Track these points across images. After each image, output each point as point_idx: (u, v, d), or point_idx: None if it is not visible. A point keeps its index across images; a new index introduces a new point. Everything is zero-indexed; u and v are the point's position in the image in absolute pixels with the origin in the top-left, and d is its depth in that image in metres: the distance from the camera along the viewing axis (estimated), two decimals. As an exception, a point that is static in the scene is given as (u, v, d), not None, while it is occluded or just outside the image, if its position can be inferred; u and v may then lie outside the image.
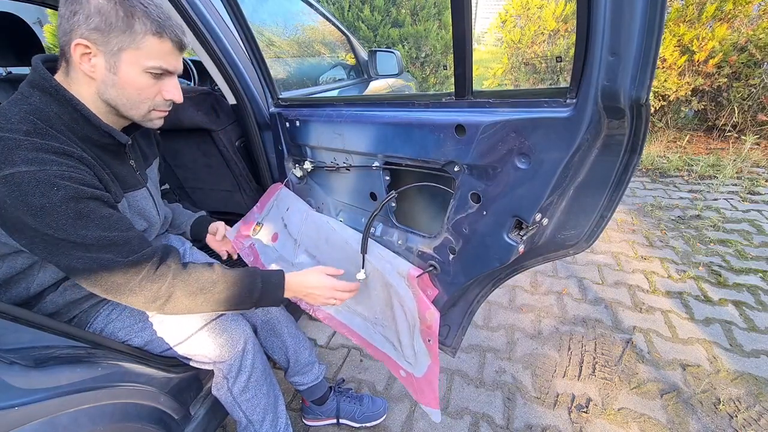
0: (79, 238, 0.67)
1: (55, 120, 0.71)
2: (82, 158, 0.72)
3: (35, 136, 0.67)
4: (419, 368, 1.01)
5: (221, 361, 0.92)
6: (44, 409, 0.67)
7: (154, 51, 0.72)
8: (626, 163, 0.63)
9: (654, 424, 1.30)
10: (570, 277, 2.10)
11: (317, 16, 2.19)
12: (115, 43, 0.69)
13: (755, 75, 3.50)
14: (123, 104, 0.76)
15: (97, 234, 0.68)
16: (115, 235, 0.71)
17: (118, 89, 0.73)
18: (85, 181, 0.69)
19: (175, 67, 0.77)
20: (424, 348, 0.98)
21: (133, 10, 0.68)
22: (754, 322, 1.70)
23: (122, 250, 0.71)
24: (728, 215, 2.63)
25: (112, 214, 0.72)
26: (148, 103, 0.78)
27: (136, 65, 0.72)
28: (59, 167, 0.66)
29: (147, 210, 0.93)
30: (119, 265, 0.70)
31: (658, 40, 0.47)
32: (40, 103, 0.71)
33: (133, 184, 0.89)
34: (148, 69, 0.73)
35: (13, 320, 0.68)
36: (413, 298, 0.97)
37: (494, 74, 5.01)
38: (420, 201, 1.14)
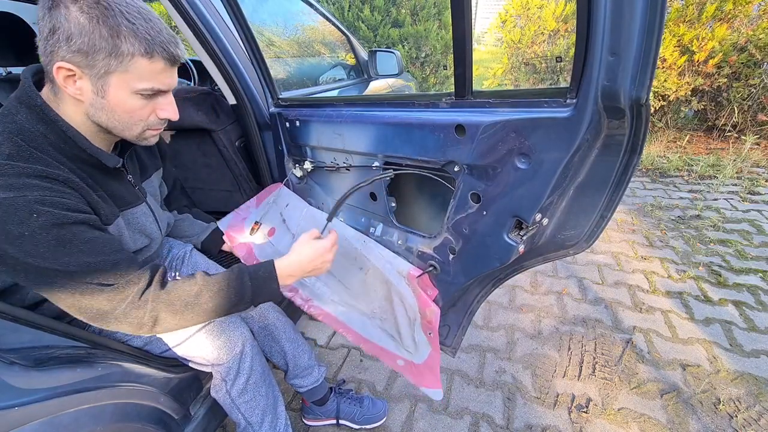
0: (62, 265, 0.63)
1: (41, 140, 0.67)
2: (68, 180, 0.67)
3: (18, 159, 0.63)
4: (420, 356, 1.02)
5: (219, 364, 0.92)
6: (44, 409, 0.67)
7: (145, 72, 0.66)
8: (626, 163, 0.63)
9: (654, 424, 1.30)
10: (570, 277, 2.10)
11: (317, 16, 2.19)
12: (101, 66, 0.63)
13: (755, 75, 3.50)
14: (114, 127, 0.72)
15: (81, 260, 0.64)
16: (101, 260, 0.67)
17: (107, 112, 0.69)
18: (68, 206, 0.65)
19: (168, 85, 0.72)
20: (425, 339, 1.00)
21: (119, 29, 0.61)
22: (754, 322, 1.70)
23: (107, 277, 0.67)
24: (728, 215, 2.63)
25: (97, 238, 0.68)
26: (141, 124, 0.73)
27: (126, 88, 0.67)
28: (40, 192, 0.62)
29: (147, 226, 0.90)
30: (104, 292, 0.66)
31: (658, 40, 0.47)
32: (26, 122, 0.67)
33: (130, 201, 0.86)
34: (139, 91, 0.68)
35: (13, 320, 0.69)
36: (413, 296, 0.97)
37: (494, 74, 5.01)
38: (420, 201, 1.14)
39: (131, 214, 0.86)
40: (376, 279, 1.06)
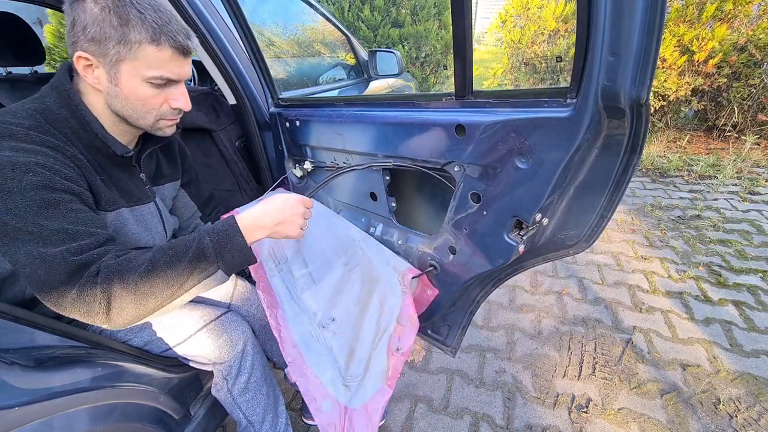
0: (37, 227, 0.61)
1: (62, 123, 0.71)
2: (74, 157, 0.70)
3: (35, 131, 0.67)
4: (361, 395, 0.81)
5: (221, 363, 0.92)
6: (44, 409, 0.67)
7: (153, 60, 0.68)
8: (626, 163, 0.63)
9: (654, 424, 1.30)
10: (570, 277, 2.10)
11: (317, 16, 2.19)
12: (112, 54, 0.66)
13: (755, 75, 3.50)
14: (129, 115, 0.74)
15: (59, 226, 0.62)
16: (78, 230, 0.64)
17: (122, 100, 0.72)
18: (66, 174, 0.66)
19: (178, 75, 0.73)
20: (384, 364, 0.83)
21: (128, 18, 0.65)
22: (754, 322, 1.70)
23: (78, 247, 0.63)
24: (728, 215, 2.63)
25: (83, 210, 0.67)
26: (153, 113, 0.75)
27: (136, 76, 0.69)
28: (44, 158, 0.65)
29: (152, 225, 0.91)
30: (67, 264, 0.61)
31: (658, 40, 0.47)
32: (53, 105, 0.72)
33: (139, 198, 0.87)
34: (149, 79, 0.70)
35: (13, 320, 0.68)
36: (401, 296, 0.93)
37: (494, 74, 5.01)
38: (420, 201, 1.14)
39: (140, 211, 0.87)
40: (358, 278, 0.99)
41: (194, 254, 0.68)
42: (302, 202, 0.81)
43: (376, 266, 1.00)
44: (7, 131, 0.64)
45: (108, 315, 0.64)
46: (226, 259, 0.71)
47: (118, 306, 0.64)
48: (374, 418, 0.78)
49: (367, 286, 0.97)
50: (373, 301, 0.93)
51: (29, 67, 1.42)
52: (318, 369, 0.86)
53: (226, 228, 0.72)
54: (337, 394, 0.82)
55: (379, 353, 0.85)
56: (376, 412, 0.79)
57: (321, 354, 0.89)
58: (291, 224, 0.79)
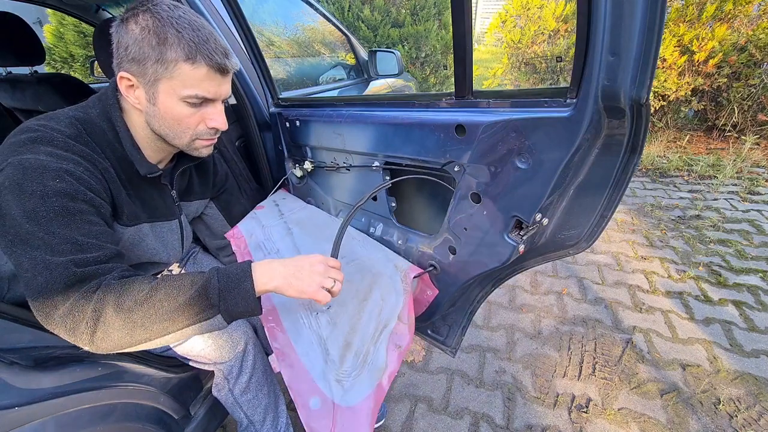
0: (48, 234, 0.60)
1: (100, 135, 0.73)
2: (105, 170, 0.72)
3: (75, 140, 0.68)
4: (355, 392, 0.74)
5: (222, 362, 0.92)
6: (44, 409, 0.67)
7: (189, 79, 0.68)
8: (626, 163, 0.63)
9: (654, 424, 1.30)
10: (570, 277, 2.10)
11: (317, 16, 2.19)
12: (150, 73, 0.67)
13: (755, 75, 3.50)
14: (167, 134, 0.75)
15: (70, 235, 0.62)
16: (90, 242, 0.64)
17: (159, 120, 0.73)
18: (91, 186, 0.68)
19: (215, 94, 0.73)
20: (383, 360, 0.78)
21: (166, 38, 0.65)
22: (754, 322, 1.70)
23: (83, 260, 0.62)
24: (728, 215, 2.63)
25: (98, 224, 0.67)
26: (189, 132, 0.75)
27: (173, 95, 0.70)
28: (75, 166, 0.66)
29: (171, 242, 0.92)
30: (68, 275, 0.60)
31: (658, 40, 0.47)
32: (96, 116, 0.74)
33: (164, 215, 0.87)
34: (185, 98, 0.70)
35: (13, 320, 0.69)
36: (403, 294, 0.90)
37: (494, 74, 5.01)
38: (420, 201, 1.14)
39: (160, 226, 0.87)
40: (358, 271, 0.94)
41: (197, 291, 0.64)
42: (325, 260, 0.74)
43: (377, 262, 0.99)
44: (48, 137, 0.66)
45: (92, 337, 0.60)
46: (228, 303, 0.66)
47: (104, 329, 0.60)
48: (369, 419, 0.71)
49: (367, 279, 0.93)
50: (374, 296, 0.89)
51: (29, 67, 1.42)
52: (308, 360, 0.78)
53: (237, 271, 0.69)
54: (328, 390, 0.74)
55: (379, 348, 0.79)
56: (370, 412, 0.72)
57: (312, 343, 0.81)
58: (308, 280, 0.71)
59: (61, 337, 0.61)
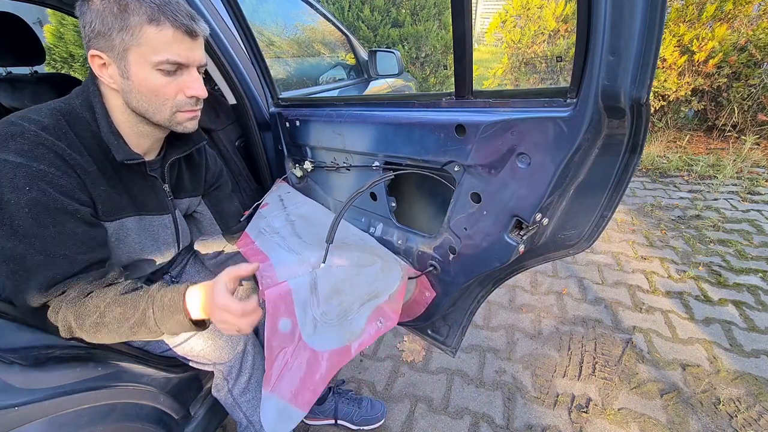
0: (22, 243, 0.63)
1: (83, 126, 0.71)
2: (79, 166, 0.69)
3: (49, 132, 0.67)
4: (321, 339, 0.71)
5: (221, 363, 0.92)
6: (44, 409, 0.67)
7: (156, 42, 0.66)
8: (626, 162, 0.63)
9: (654, 424, 1.30)
10: (570, 277, 2.10)
11: (317, 16, 2.19)
12: (118, 44, 0.66)
13: (755, 75, 3.49)
14: (146, 110, 0.72)
15: (44, 247, 0.65)
16: (63, 254, 0.66)
17: (136, 95, 0.70)
18: (65, 190, 0.67)
19: (187, 59, 0.70)
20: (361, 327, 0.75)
21: (127, 3, 0.64)
22: (754, 322, 1.70)
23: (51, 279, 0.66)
24: (728, 215, 2.63)
25: (75, 233, 0.68)
26: (168, 104, 0.73)
27: (145, 63, 0.67)
28: (46, 166, 0.65)
29: (162, 236, 0.89)
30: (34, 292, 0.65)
31: (659, 40, 0.47)
32: (78, 107, 0.72)
33: (155, 209, 0.85)
34: (157, 65, 0.68)
35: (13, 320, 0.69)
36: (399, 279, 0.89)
37: (494, 74, 5.01)
38: (420, 201, 1.14)
39: (149, 220, 0.85)
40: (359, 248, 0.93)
41: (137, 321, 0.69)
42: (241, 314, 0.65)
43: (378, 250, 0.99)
44: (18, 130, 0.64)
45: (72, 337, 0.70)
46: (168, 329, 0.70)
47: (80, 335, 0.70)
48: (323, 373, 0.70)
49: (369, 253, 0.92)
50: (375, 267, 0.86)
51: (29, 67, 1.42)
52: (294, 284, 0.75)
53: (170, 305, 0.69)
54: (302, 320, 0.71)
55: (362, 313, 0.77)
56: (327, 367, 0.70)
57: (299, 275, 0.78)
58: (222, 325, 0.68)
59: None
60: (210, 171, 1.04)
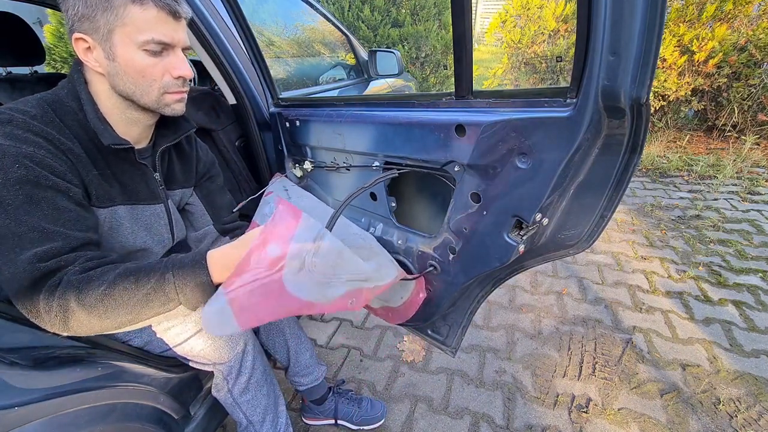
0: (14, 222, 0.61)
1: (71, 115, 0.71)
2: (70, 150, 0.69)
3: (38, 120, 0.67)
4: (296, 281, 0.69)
5: (221, 363, 0.92)
6: (44, 409, 0.67)
7: (141, 22, 0.66)
8: (626, 162, 0.63)
9: (654, 424, 1.30)
10: (570, 277, 2.10)
11: (317, 16, 2.19)
12: (102, 25, 0.65)
13: (755, 75, 3.49)
14: (133, 92, 0.72)
15: (37, 224, 0.62)
16: (56, 230, 0.64)
17: (123, 77, 0.70)
18: (54, 169, 0.66)
19: (172, 39, 0.70)
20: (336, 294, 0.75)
21: None
22: (754, 322, 1.70)
23: (46, 252, 0.62)
24: (728, 215, 2.63)
25: (66, 210, 0.66)
26: (156, 85, 0.72)
27: (130, 44, 0.67)
28: (35, 149, 0.64)
29: (156, 227, 0.88)
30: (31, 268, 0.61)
31: (659, 40, 0.47)
32: (65, 96, 0.72)
33: (146, 198, 0.85)
34: (142, 45, 0.67)
35: (13, 320, 0.69)
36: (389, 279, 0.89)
37: (494, 74, 5.01)
38: (420, 201, 1.14)
39: (141, 210, 0.84)
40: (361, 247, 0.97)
41: (154, 287, 0.65)
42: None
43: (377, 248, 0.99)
44: (7, 117, 0.65)
45: (66, 327, 0.63)
46: (188, 296, 0.67)
47: (75, 320, 0.63)
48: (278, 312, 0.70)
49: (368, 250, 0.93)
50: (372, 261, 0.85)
51: (29, 67, 1.42)
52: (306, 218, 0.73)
53: (192, 264, 0.68)
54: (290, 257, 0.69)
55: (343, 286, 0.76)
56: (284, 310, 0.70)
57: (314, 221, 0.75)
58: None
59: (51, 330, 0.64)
60: (201, 161, 1.03)
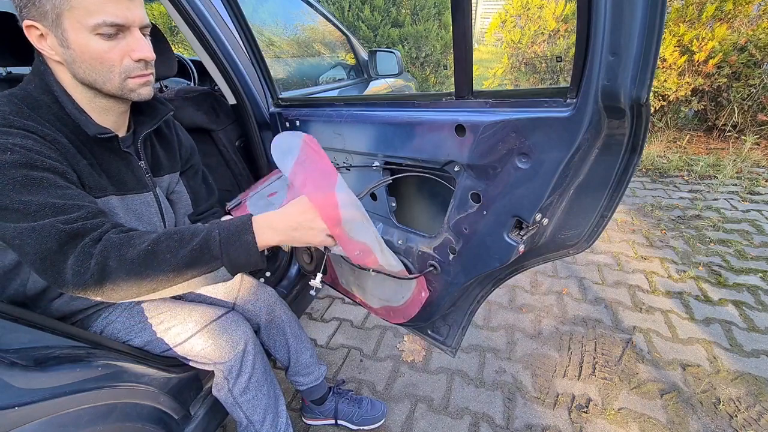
0: (22, 204, 0.60)
1: (45, 109, 0.69)
2: (56, 141, 0.67)
3: (15, 115, 0.65)
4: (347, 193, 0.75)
5: (221, 362, 0.92)
6: (44, 409, 0.67)
7: (88, 4, 0.62)
8: (626, 162, 0.63)
9: (654, 424, 1.30)
10: (570, 277, 2.10)
11: (317, 16, 2.19)
12: (49, 10, 0.62)
13: (755, 75, 3.49)
14: (95, 80, 0.69)
15: (44, 200, 0.61)
16: (65, 203, 0.63)
17: (80, 64, 0.67)
18: (47, 155, 0.64)
19: (126, 18, 0.65)
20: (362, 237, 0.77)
21: None
22: (754, 322, 1.70)
23: (67, 217, 0.62)
24: (728, 215, 2.63)
25: (69, 187, 0.65)
26: (116, 70, 0.68)
27: (81, 29, 0.63)
28: (22, 139, 0.63)
29: (146, 215, 0.88)
30: (56, 231, 0.60)
31: (658, 40, 0.47)
32: (34, 91, 0.70)
33: (134, 187, 0.84)
34: (95, 29, 0.64)
35: (13, 320, 0.68)
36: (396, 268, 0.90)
37: (494, 74, 5.01)
38: (420, 201, 1.14)
39: (130, 199, 0.83)
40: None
41: (199, 243, 0.65)
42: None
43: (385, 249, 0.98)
44: None
45: (101, 289, 0.62)
46: (231, 256, 0.66)
47: (111, 282, 0.61)
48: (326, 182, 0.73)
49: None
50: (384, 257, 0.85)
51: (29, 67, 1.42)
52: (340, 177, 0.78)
53: (238, 224, 0.68)
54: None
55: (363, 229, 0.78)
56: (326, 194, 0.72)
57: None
58: (310, 231, 0.70)
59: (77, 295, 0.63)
60: (183, 146, 1.01)
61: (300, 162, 0.76)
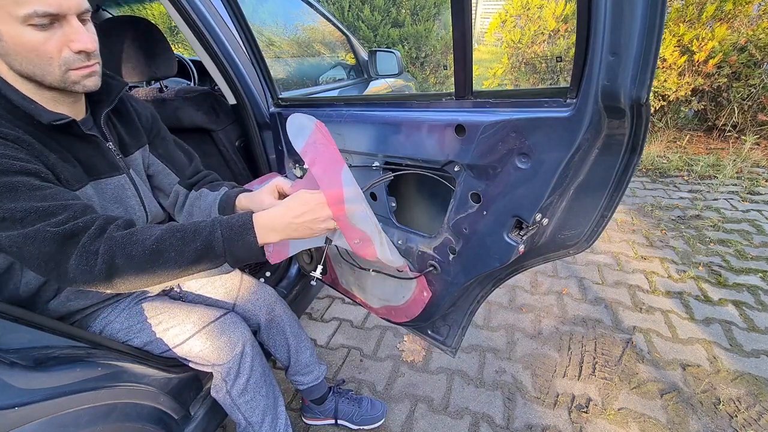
0: (6, 212, 0.59)
1: None
2: (18, 139, 0.65)
3: None
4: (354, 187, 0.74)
5: (220, 364, 0.92)
6: (44, 409, 0.67)
7: None
8: (626, 162, 0.63)
9: (654, 424, 1.30)
10: (570, 277, 2.10)
11: (317, 16, 2.19)
12: None
13: (755, 75, 3.49)
14: (34, 72, 0.65)
15: (27, 205, 0.60)
16: (50, 205, 0.61)
17: (16, 57, 0.63)
18: (16, 157, 0.62)
19: (60, 7, 0.61)
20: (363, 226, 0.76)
21: None
22: (754, 322, 1.70)
23: (58, 220, 0.61)
24: (728, 215, 2.63)
25: (48, 187, 0.64)
26: (55, 62, 0.64)
27: (10, 19, 0.59)
28: None
29: (124, 198, 0.85)
30: (52, 236, 0.60)
31: (658, 40, 0.47)
32: None
33: (104, 171, 0.80)
34: (26, 20, 0.59)
35: (13, 320, 0.68)
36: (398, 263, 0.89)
37: (494, 74, 5.01)
38: (420, 201, 1.14)
39: (104, 184, 0.81)
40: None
41: (203, 243, 0.66)
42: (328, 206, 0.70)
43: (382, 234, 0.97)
44: None
45: (110, 284, 0.63)
46: (234, 254, 0.68)
47: (119, 277, 0.63)
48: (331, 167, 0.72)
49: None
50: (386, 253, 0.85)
51: None
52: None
53: (240, 224, 0.69)
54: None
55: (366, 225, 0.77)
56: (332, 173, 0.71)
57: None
58: (311, 230, 0.70)
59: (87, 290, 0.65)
60: (142, 115, 0.96)
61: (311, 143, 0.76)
